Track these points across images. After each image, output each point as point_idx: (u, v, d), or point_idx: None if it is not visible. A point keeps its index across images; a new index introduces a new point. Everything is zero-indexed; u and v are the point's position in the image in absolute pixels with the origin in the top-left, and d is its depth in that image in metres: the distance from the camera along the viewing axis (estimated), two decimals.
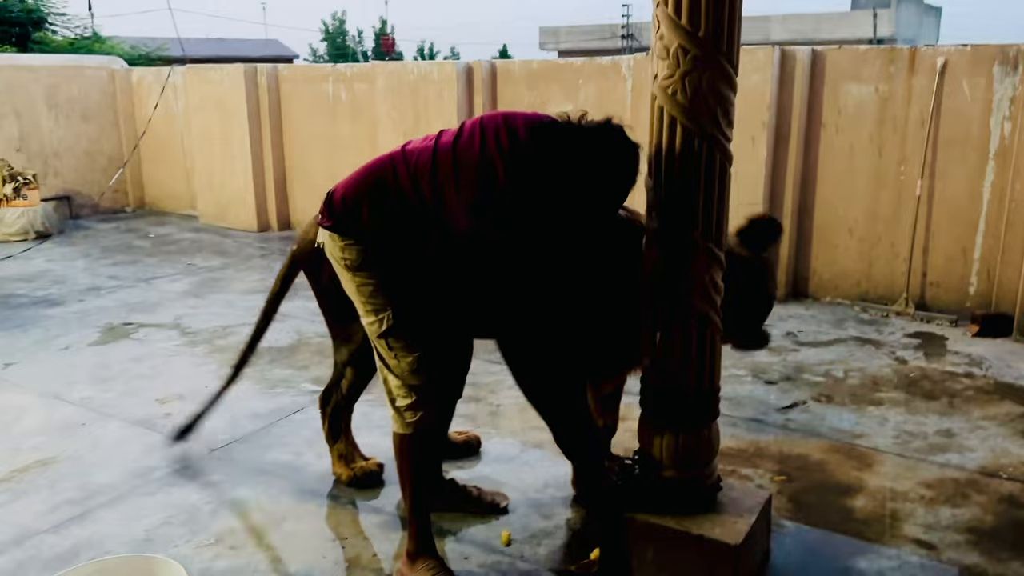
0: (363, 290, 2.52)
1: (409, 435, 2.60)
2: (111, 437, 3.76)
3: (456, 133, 2.44)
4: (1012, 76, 5.00)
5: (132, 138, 9.59)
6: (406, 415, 2.57)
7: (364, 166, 2.55)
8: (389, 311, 2.50)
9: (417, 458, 2.66)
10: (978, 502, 3.13)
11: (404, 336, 2.52)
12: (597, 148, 2.28)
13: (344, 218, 2.50)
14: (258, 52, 37.26)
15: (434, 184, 2.38)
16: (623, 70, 6.29)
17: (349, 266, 2.51)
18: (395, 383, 2.57)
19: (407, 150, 2.49)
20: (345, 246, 2.49)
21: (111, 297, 6.11)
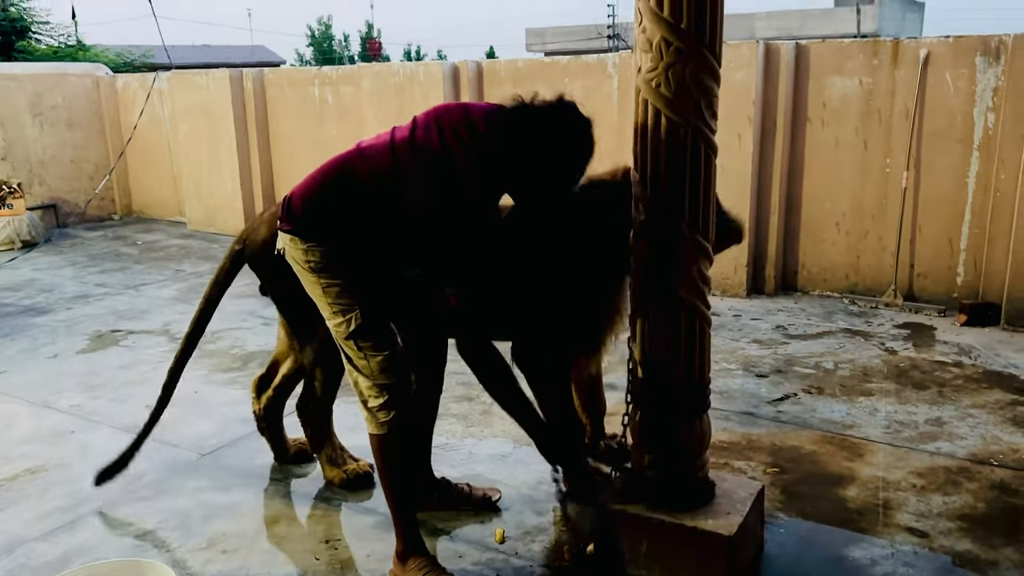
0: (329, 291, 2.49)
1: (384, 435, 2.57)
2: (101, 444, 3.73)
3: (411, 128, 2.45)
4: (994, 67, 5.03)
5: (118, 145, 9.54)
6: (379, 415, 2.55)
7: (320, 168, 2.54)
8: (357, 311, 2.48)
9: (394, 457, 2.64)
10: (969, 489, 3.14)
11: (372, 335, 2.50)
12: (551, 125, 2.28)
13: (305, 221, 2.49)
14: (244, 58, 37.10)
15: (396, 177, 2.38)
16: (608, 67, 6.30)
17: (313, 268, 2.49)
18: (365, 384, 2.54)
19: (362, 148, 2.49)
20: (308, 248, 2.47)
21: (99, 305, 6.07)
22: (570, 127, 2.30)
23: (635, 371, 2.62)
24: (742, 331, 5.17)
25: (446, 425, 3.78)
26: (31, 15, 15.18)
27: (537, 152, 2.29)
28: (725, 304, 5.70)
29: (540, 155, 2.30)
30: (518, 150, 2.30)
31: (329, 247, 2.47)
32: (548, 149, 2.30)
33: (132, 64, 16.23)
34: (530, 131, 2.28)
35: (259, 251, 3.00)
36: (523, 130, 2.29)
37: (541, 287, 2.75)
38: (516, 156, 2.31)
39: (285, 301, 3.03)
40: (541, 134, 2.28)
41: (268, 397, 3.38)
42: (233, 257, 3.13)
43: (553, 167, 2.33)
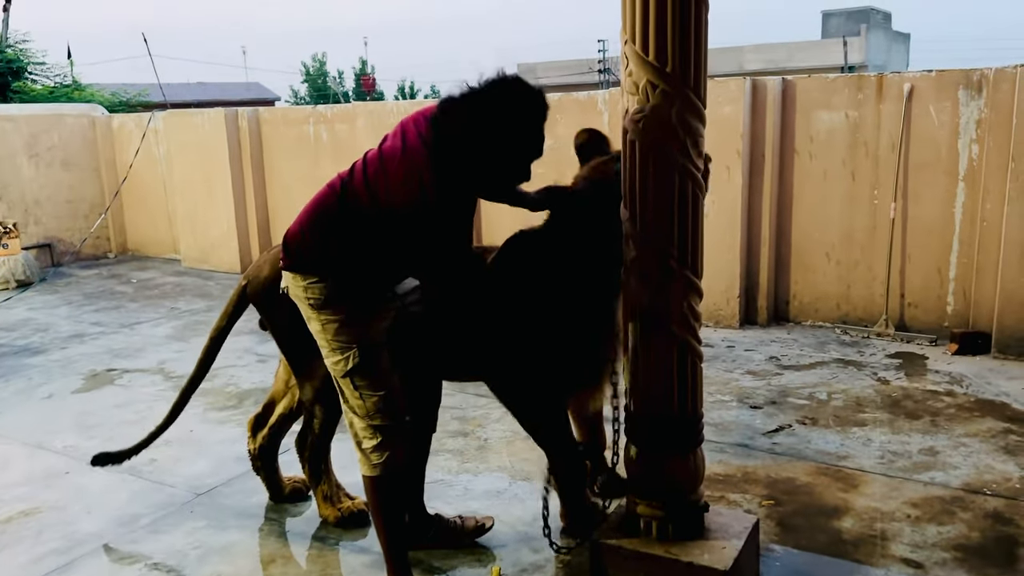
0: (328, 328, 2.52)
1: (377, 477, 2.58)
2: (96, 485, 3.72)
3: (379, 144, 2.51)
4: (977, 100, 5.13)
5: (113, 184, 9.60)
6: (372, 456, 2.56)
7: (309, 202, 2.59)
8: (354, 348, 2.50)
9: (386, 499, 2.64)
10: (964, 519, 3.16)
11: (369, 374, 2.52)
12: (501, 96, 2.30)
13: (300, 256, 2.53)
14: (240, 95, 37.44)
15: (369, 190, 2.41)
16: (599, 104, 6.40)
17: (314, 304, 2.52)
18: (360, 424, 2.56)
19: (341, 175, 2.54)
20: (308, 285, 2.51)
21: (94, 344, 6.08)
22: (521, 94, 2.31)
23: (628, 405, 2.64)
24: (736, 362, 5.20)
25: (441, 461, 3.78)
26: (27, 56, 15.31)
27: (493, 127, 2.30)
28: (719, 335, 5.74)
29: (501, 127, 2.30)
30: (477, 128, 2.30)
31: (327, 281, 2.50)
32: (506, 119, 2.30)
33: (127, 103, 16.33)
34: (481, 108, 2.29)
35: (261, 289, 3.05)
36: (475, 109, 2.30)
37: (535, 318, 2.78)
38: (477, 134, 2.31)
39: (286, 339, 3.06)
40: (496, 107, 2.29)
41: (263, 436, 3.39)
42: (239, 293, 3.18)
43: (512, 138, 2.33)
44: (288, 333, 2.99)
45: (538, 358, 2.79)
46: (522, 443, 3.89)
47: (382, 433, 2.54)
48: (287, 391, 3.38)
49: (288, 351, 3.11)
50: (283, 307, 2.90)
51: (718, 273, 5.74)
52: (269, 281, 2.99)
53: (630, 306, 2.55)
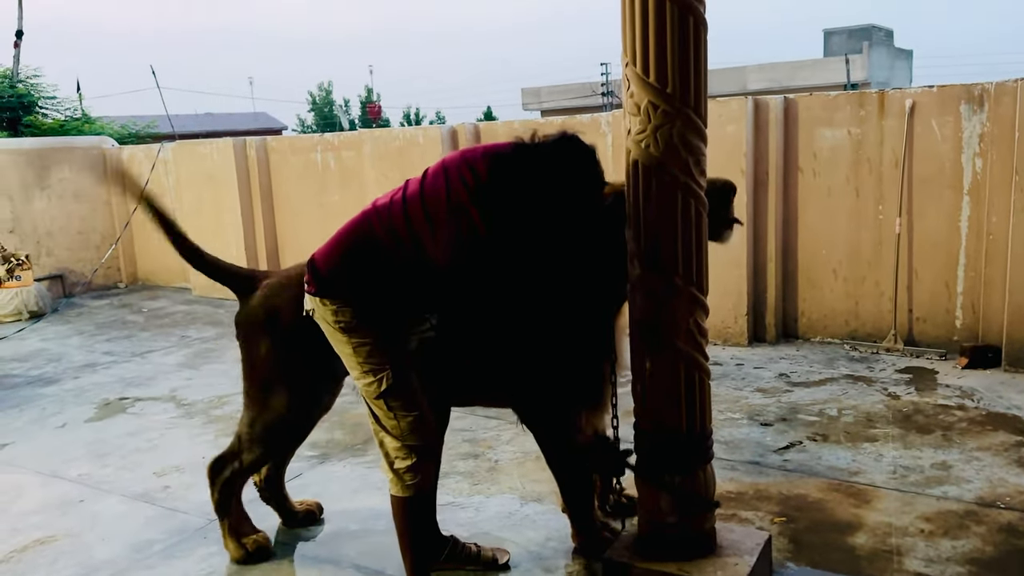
0: (360, 351, 2.55)
1: (409, 497, 2.60)
2: (110, 512, 3.74)
3: (420, 180, 2.53)
4: (979, 114, 5.16)
5: (124, 215, 9.69)
6: (406, 477, 2.57)
7: (342, 228, 2.63)
8: (388, 370, 2.53)
9: (418, 520, 2.66)
10: (977, 533, 3.14)
11: (403, 395, 2.54)
12: (553, 161, 2.35)
13: (331, 281, 2.56)
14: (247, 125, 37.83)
15: (411, 233, 2.45)
16: (602, 126, 6.45)
17: (344, 328, 2.55)
18: (394, 445, 2.57)
19: (378, 206, 2.57)
20: (337, 309, 2.54)
21: (106, 373, 6.12)
22: (575, 159, 2.37)
23: (636, 423, 2.65)
24: (745, 380, 5.20)
25: (452, 483, 3.79)
26: (38, 91, 15.54)
27: (547, 189, 2.33)
28: (727, 353, 5.74)
29: (550, 191, 2.34)
30: (527, 190, 2.34)
31: (356, 306, 2.53)
32: (557, 184, 2.34)
33: (137, 135, 16.55)
34: (537, 170, 2.33)
35: (247, 315, 3.07)
36: (530, 170, 2.33)
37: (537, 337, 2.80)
38: (526, 196, 2.34)
39: (258, 371, 3.05)
40: (547, 171, 2.33)
41: (267, 467, 3.41)
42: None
43: (564, 200, 2.37)
44: (261, 366, 3.02)
45: (545, 376, 2.81)
46: (533, 464, 3.90)
47: (417, 453, 2.56)
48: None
49: (254, 383, 3.09)
50: (263, 338, 2.97)
51: (726, 291, 5.75)
52: (256, 309, 3.04)
53: (636, 323, 2.57)
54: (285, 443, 3.26)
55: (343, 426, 4.57)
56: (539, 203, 2.36)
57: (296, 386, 3.02)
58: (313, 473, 4.03)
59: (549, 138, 2.39)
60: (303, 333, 2.73)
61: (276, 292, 3.03)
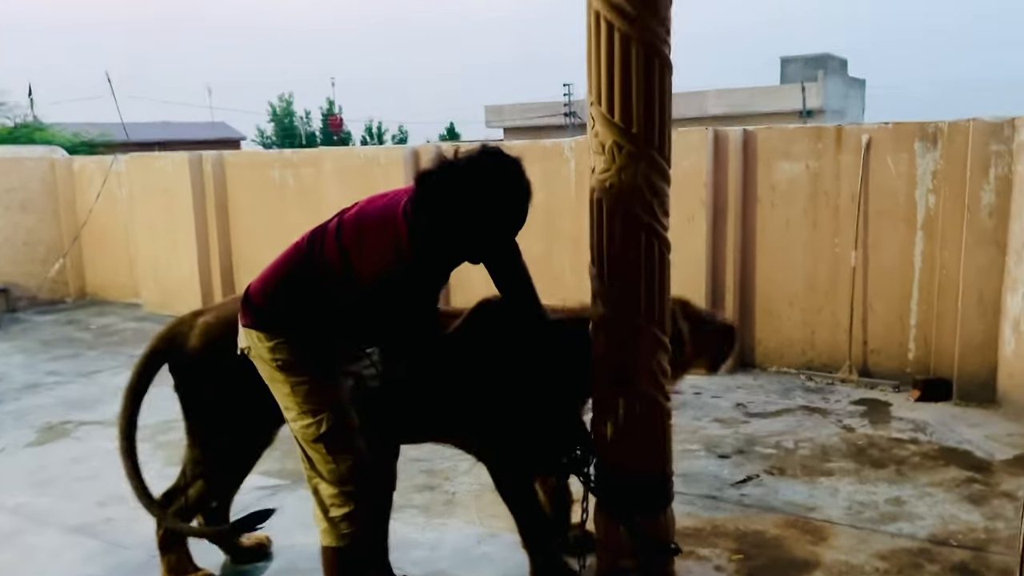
0: (298, 391, 2.45)
1: (342, 548, 2.48)
2: (47, 546, 3.59)
3: (357, 206, 2.49)
4: (932, 151, 5.27)
5: (73, 227, 9.44)
6: (341, 526, 2.46)
7: (277, 258, 2.55)
8: (327, 412, 2.43)
9: (352, 573, 2.54)
10: (931, 572, 3.16)
11: (343, 437, 2.44)
12: (476, 172, 2.25)
13: (268, 312, 2.46)
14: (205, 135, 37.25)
15: (342, 252, 2.36)
16: (565, 151, 6.46)
17: (281, 367, 2.45)
18: (330, 492, 2.45)
19: (313, 231, 2.51)
20: (275, 345, 2.44)
21: (49, 394, 5.91)
22: (497, 171, 2.27)
23: (598, 464, 2.62)
24: (703, 409, 5.21)
25: (408, 517, 3.71)
26: None
27: (474, 204, 2.24)
28: (685, 382, 5.74)
29: (478, 206, 2.25)
30: (455, 205, 2.24)
31: (295, 342, 2.44)
32: (484, 198, 2.24)
33: (90, 143, 16.18)
34: (463, 185, 2.24)
35: (187, 361, 2.94)
36: (451, 186, 2.24)
37: (500, 386, 2.76)
38: (453, 211, 2.25)
39: (202, 414, 2.97)
40: (469, 186, 2.23)
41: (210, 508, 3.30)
42: (153, 356, 3.04)
43: (490, 215, 2.28)
44: (204, 410, 2.93)
45: (504, 423, 2.76)
46: (491, 495, 3.81)
47: (354, 500, 2.45)
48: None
49: (197, 426, 3.00)
50: (207, 383, 2.88)
51: None
52: (196, 353, 2.90)
53: (598, 364, 2.54)
54: (232, 479, 3.16)
55: (294, 456, 4.42)
56: (463, 216, 2.26)
57: (242, 427, 2.93)
58: (261, 506, 3.89)
59: (471, 152, 2.31)
60: (244, 371, 2.63)
61: (213, 332, 2.90)
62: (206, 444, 2.99)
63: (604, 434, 2.55)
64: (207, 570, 3.18)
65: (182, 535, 3.12)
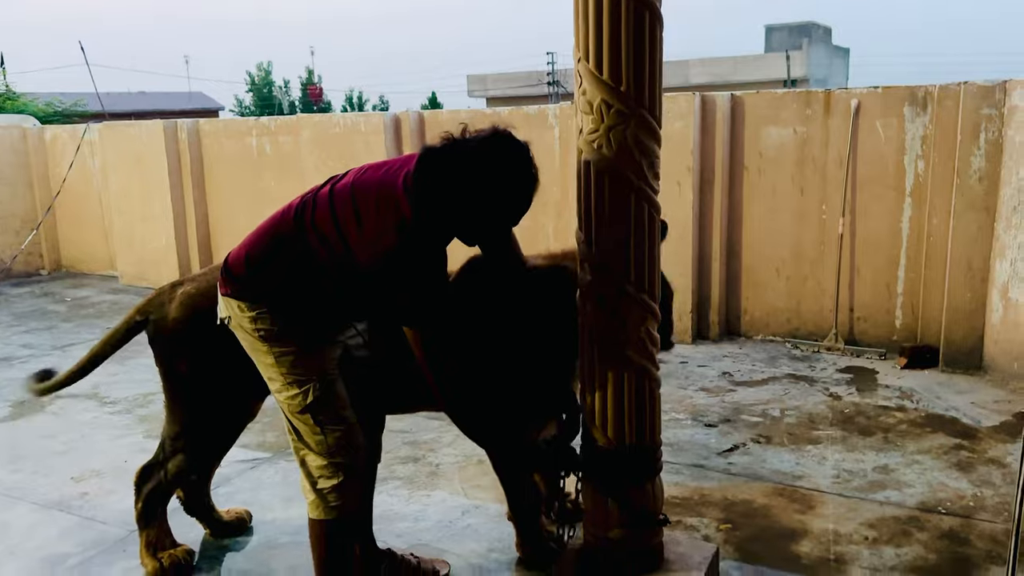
0: (283, 361, 2.36)
1: (331, 520, 2.41)
2: (21, 522, 3.49)
3: (354, 173, 2.37)
4: (922, 116, 5.20)
5: (46, 198, 9.22)
6: (330, 498, 2.39)
7: (260, 226, 2.44)
8: (314, 382, 2.35)
9: (340, 547, 2.46)
10: (920, 540, 3.14)
11: (331, 407, 2.37)
12: (486, 158, 2.17)
13: (250, 281, 2.36)
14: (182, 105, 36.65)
15: (337, 227, 2.26)
16: (549, 118, 6.33)
17: (264, 336, 2.36)
18: (318, 464, 2.38)
19: (304, 199, 2.39)
20: (256, 315, 2.35)
21: (23, 368, 5.77)
22: (507, 158, 2.19)
23: (585, 434, 2.55)
24: (689, 379, 5.16)
25: (391, 489, 3.65)
26: None
27: (480, 187, 2.16)
28: (672, 351, 5.69)
29: (483, 190, 2.17)
30: (460, 188, 2.16)
31: (277, 312, 2.35)
32: (490, 182, 2.16)
33: (63, 113, 15.82)
34: (469, 168, 2.15)
35: (167, 332, 2.84)
36: (458, 167, 2.16)
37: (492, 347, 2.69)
38: (458, 194, 2.17)
39: (181, 386, 2.88)
40: (476, 170, 2.15)
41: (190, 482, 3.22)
42: (131, 328, 2.96)
43: (495, 200, 2.21)
44: (184, 382, 2.84)
45: (496, 388, 2.69)
46: (475, 468, 3.79)
47: (344, 472, 2.38)
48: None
49: (177, 398, 2.91)
50: (187, 355, 2.79)
51: None
52: (176, 324, 2.81)
53: (586, 332, 2.46)
54: (212, 453, 3.07)
55: (275, 428, 4.37)
56: (468, 200, 2.18)
57: (223, 399, 2.85)
58: (242, 480, 3.84)
59: (481, 133, 2.21)
60: (225, 343, 2.53)
61: (194, 302, 2.80)
62: (186, 417, 2.90)
63: (592, 403, 2.48)
64: (186, 545, 3.10)
65: (160, 510, 3.03)
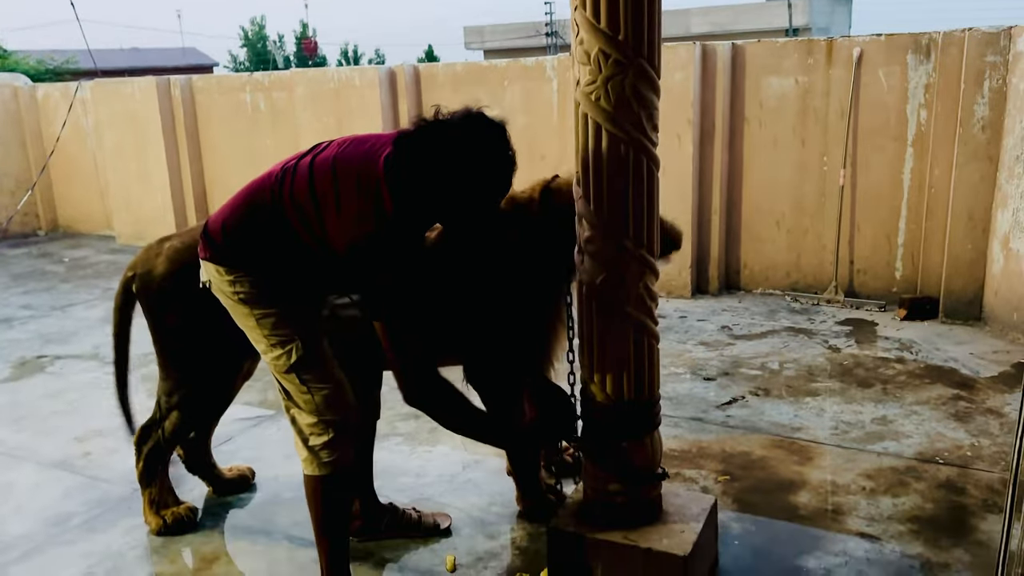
0: (264, 323, 2.34)
1: (325, 476, 2.41)
2: (24, 482, 3.52)
3: (333, 146, 2.33)
4: (925, 64, 5.11)
5: (40, 158, 9.13)
6: (322, 454, 2.38)
7: (241, 191, 2.40)
8: (297, 341, 2.33)
9: (336, 502, 2.47)
10: (917, 490, 3.16)
11: (316, 366, 2.36)
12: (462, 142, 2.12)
13: (227, 248, 2.34)
14: (175, 61, 36.19)
15: (315, 203, 2.23)
16: (547, 71, 6.24)
17: (244, 300, 2.34)
18: (308, 421, 2.38)
19: (285, 168, 2.35)
20: (235, 279, 2.33)
21: (23, 329, 5.78)
22: (483, 141, 2.14)
23: (584, 389, 2.55)
24: (688, 333, 5.17)
25: (392, 445, 3.67)
26: None
27: (456, 171, 2.12)
28: (671, 305, 5.70)
29: (459, 174, 2.13)
30: (436, 172, 2.13)
31: (256, 276, 2.33)
32: (466, 166, 2.12)
33: (55, 71, 15.61)
34: (439, 153, 2.11)
35: (152, 286, 2.83)
36: (432, 153, 2.12)
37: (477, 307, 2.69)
38: (431, 181, 2.14)
39: (170, 342, 2.87)
40: (452, 155, 2.11)
41: (189, 439, 3.23)
42: (125, 287, 2.95)
43: (473, 185, 2.17)
44: (174, 337, 2.83)
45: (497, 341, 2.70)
46: None
47: (334, 428, 2.38)
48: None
49: (167, 354, 2.90)
50: (174, 309, 2.77)
51: None
52: (163, 279, 2.80)
53: (584, 288, 2.44)
54: (207, 411, 3.08)
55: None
56: (446, 185, 2.15)
57: (213, 355, 2.84)
58: (244, 437, 3.86)
59: (455, 115, 2.16)
60: (212, 299, 2.51)
61: (180, 256, 2.79)
62: (178, 374, 2.90)
63: (590, 359, 2.47)
64: (189, 503, 3.13)
65: (161, 469, 3.05)
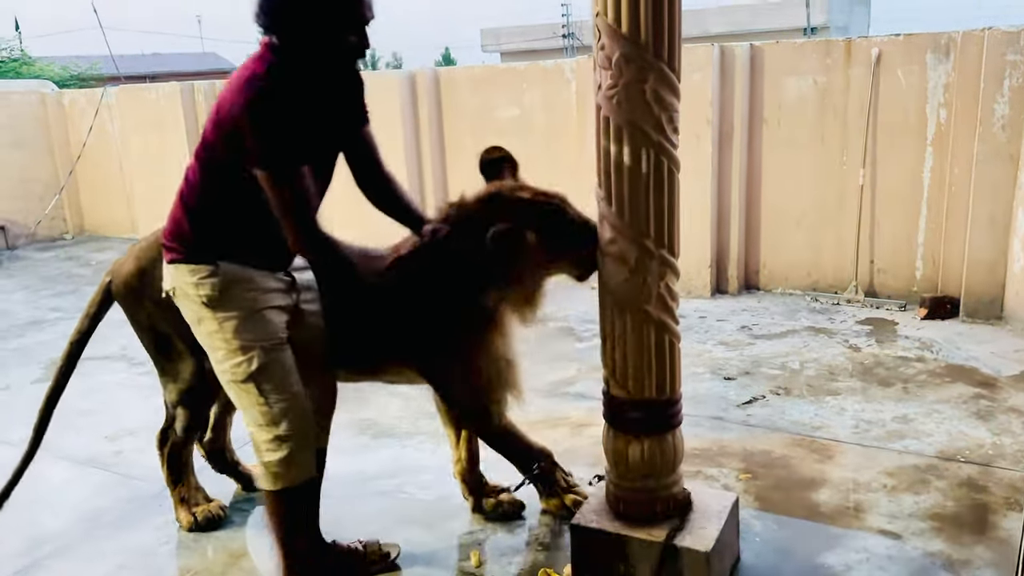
0: (226, 326, 2.31)
1: (280, 492, 2.38)
2: (57, 480, 3.61)
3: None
4: (944, 63, 5.11)
5: (67, 163, 9.30)
6: (276, 469, 2.36)
7: (177, 193, 2.46)
8: (257, 348, 2.30)
9: (294, 519, 2.45)
10: (938, 488, 3.17)
11: (275, 375, 2.33)
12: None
13: (183, 244, 2.37)
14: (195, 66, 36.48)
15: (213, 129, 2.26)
16: (566, 73, 6.28)
17: (207, 303, 2.32)
18: (263, 436, 2.34)
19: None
20: (198, 281, 2.32)
21: (53, 330, 5.89)
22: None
23: (606, 389, 2.59)
24: (708, 333, 5.19)
25: (417, 443, 3.76)
26: None
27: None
28: (690, 305, 5.72)
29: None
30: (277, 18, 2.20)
31: (216, 269, 2.32)
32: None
33: (79, 77, 15.84)
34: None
35: (124, 285, 2.88)
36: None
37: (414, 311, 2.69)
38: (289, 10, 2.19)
39: (151, 339, 2.91)
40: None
41: (208, 440, 3.30)
42: (103, 291, 2.99)
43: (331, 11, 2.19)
44: (153, 333, 2.87)
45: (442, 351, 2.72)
46: None
47: (289, 443, 2.34)
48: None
49: (153, 352, 2.94)
50: (148, 304, 2.78)
51: (689, 243, 5.64)
52: (132, 276, 2.84)
53: (605, 287, 2.48)
54: (208, 406, 3.09)
55: None
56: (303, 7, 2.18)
57: (188, 349, 2.80)
58: None
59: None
60: None
61: (143, 254, 2.84)
62: (168, 371, 2.93)
63: (612, 358, 2.51)
64: (219, 500, 3.20)
65: (185, 468, 3.12)
